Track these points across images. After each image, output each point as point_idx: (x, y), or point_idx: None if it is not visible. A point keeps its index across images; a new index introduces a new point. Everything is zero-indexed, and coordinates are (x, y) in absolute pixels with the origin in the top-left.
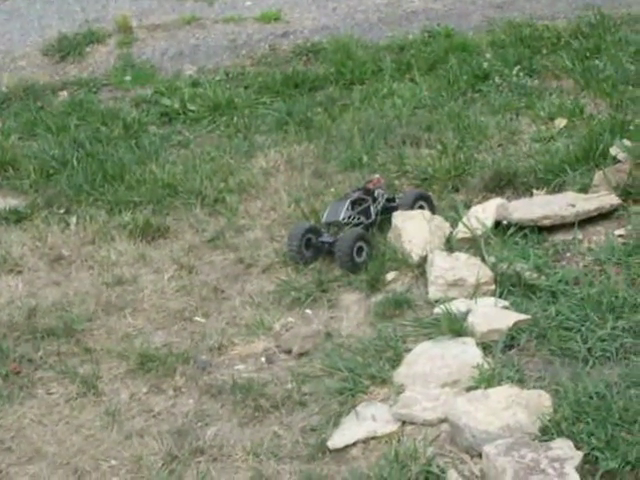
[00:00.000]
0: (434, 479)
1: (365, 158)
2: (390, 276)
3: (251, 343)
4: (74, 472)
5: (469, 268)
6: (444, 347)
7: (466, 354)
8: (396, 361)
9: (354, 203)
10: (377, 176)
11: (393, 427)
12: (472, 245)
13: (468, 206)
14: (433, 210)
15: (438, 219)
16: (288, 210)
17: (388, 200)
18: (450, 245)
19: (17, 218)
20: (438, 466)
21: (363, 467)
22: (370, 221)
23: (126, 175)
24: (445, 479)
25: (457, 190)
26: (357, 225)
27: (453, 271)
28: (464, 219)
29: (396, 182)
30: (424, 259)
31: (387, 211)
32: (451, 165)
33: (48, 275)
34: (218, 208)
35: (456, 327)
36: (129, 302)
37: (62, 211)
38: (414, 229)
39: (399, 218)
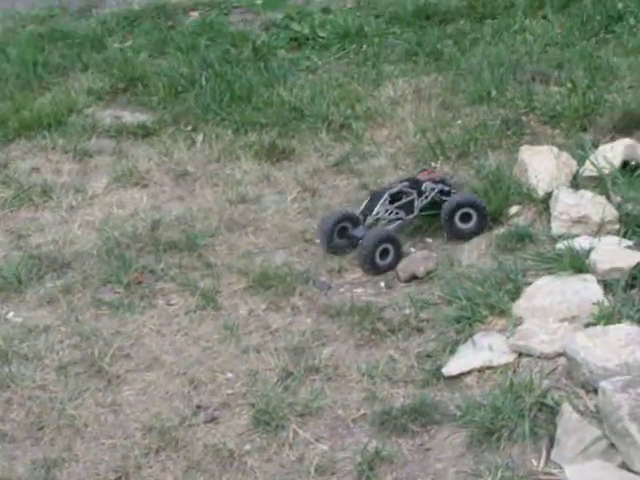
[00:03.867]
0: (548, 411)
1: (494, 92)
2: (513, 210)
3: None
4: (190, 382)
5: (594, 206)
6: (565, 282)
7: (587, 291)
8: (515, 293)
9: (394, 196)
10: (433, 166)
11: (509, 358)
12: (598, 184)
13: (596, 145)
14: (484, 223)
15: (565, 156)
16: (414, 140)
17: (442, 193)
18: (576, 182)
19: (145, 133)
20: (553, 399)
21: (477, 395)
22: (411, 217)
23: (253, 97)
24: (559, 412)
25: (585, 129)
26: (396, 220)
27: (578, 208)
28: (591, 157)
29: (524, 118)
30: (549, 195)
31: (436, 206)
32: (580, 104)
33: (173, 190)
34: (344, 134)
35: (578, 263)
36: (251, 220)
37: (189, 128)
38: (541, 164)
39: (526, 153)
